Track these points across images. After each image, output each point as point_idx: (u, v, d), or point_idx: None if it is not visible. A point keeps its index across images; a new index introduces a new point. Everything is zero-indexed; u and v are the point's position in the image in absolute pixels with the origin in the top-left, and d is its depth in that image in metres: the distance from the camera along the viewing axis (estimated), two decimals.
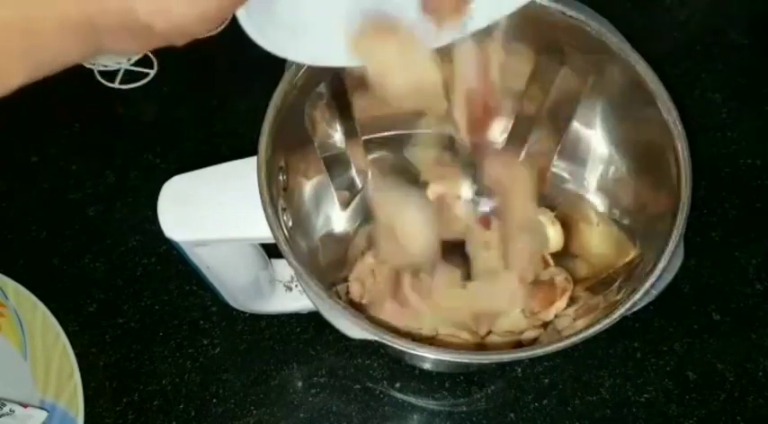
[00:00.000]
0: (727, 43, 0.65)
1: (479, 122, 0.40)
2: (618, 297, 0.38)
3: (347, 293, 0.48)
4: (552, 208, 0.50)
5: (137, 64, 0.63)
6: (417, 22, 0.31)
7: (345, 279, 0.49)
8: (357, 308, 0.47)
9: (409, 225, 0.44)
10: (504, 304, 0.46)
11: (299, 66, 0.38)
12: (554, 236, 0.49)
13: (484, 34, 0.35)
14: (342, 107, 0.44)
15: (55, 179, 0.58)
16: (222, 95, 0.62)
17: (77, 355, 0.48)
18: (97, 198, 0.57)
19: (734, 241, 0.55)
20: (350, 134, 0.47)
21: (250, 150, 0.37)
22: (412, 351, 0.34)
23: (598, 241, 0.47)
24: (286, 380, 0.50)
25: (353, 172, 0.50)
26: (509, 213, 0.47)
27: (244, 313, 0.51)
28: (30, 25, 0.21)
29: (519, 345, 0.47)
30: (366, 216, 0.51)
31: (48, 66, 0.23)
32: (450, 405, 0.49)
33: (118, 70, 0.63)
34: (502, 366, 0.50)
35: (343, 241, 0.50)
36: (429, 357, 0.34)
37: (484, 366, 0.50)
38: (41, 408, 0.46)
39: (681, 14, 0.66)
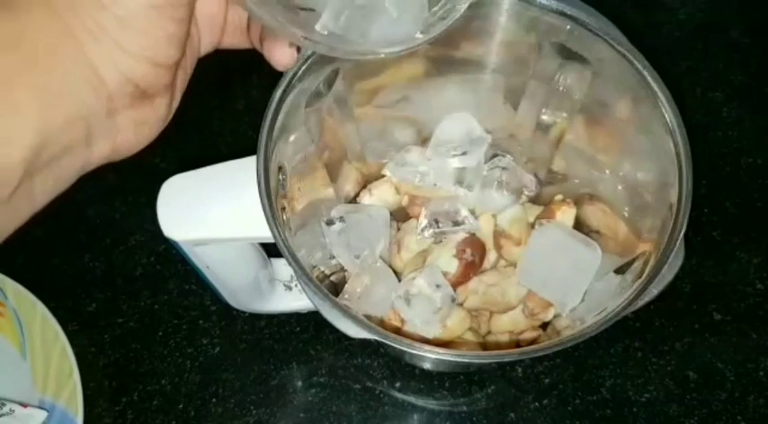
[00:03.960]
0: (728, 42, 0.65)
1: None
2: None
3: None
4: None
5: None
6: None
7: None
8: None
9: None
10: (513, 300, 0.46)
11: (299, 65, 0.38)
12: None
13: None
14: (341, 105, 0.44)
15: None
16: (222, 95, 0.62)
17: (77, 354, 0.48)
18: (97, 198, 0.57)
19: (735, 240, 0.55)
20: (349, 132, 0.47)
21: (250, 150, 0.36)
22: (412, 351, 0.34)
23: (599, 241, 0.46)
24: (286, 380, 0.50)
25: (353, 170, 0.50)
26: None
27: (243, 312, 0.51)
28: None
29: (519, 345, 0.47)
30: None
31: None
32: (450, 405, 0.49)
33: None
34: (502, 366, 0.50)
35: None
36: (429, 356, 0.34)
37: (484, 366, 0.50)
38: (41, 407, 0.46)
39: (681, 13, 0.66)
